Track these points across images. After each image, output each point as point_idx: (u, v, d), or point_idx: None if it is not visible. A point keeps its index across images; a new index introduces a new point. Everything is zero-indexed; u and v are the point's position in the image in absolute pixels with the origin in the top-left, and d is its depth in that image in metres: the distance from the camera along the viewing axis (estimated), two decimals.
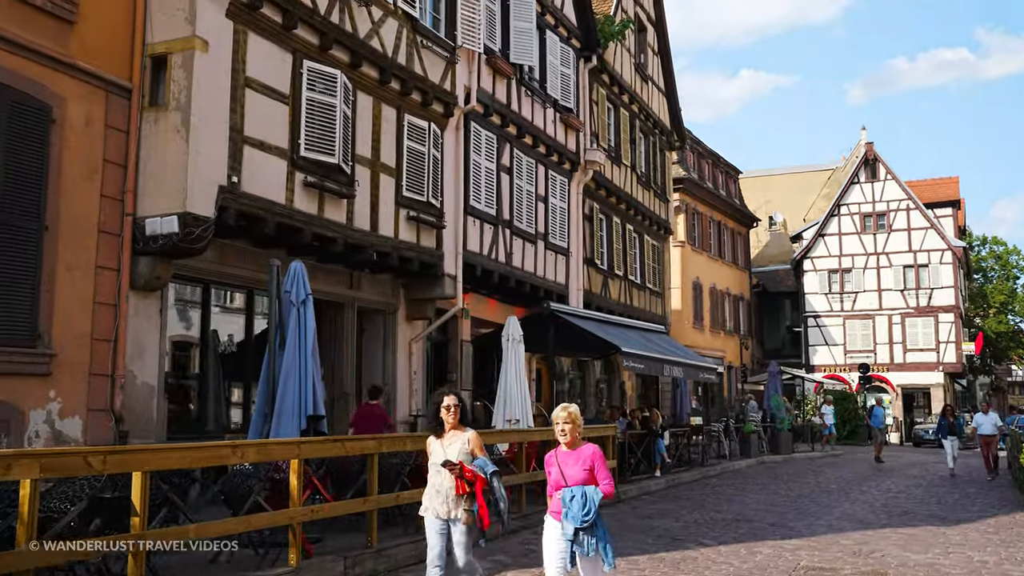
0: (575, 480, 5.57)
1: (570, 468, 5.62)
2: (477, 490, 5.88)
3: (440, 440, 6.25)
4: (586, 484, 5.55)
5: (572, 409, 5.76)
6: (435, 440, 6.29)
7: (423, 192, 14.37)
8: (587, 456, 5.63)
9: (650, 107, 26.09)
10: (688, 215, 36.19)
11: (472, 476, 5.88)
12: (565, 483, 5.61)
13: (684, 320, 34.63)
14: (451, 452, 6.09)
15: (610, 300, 22.64)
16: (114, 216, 10.16)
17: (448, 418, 6.21)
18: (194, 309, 11.95)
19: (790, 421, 28.28)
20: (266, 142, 11.29)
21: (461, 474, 5.89)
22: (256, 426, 8.58)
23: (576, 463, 5.62)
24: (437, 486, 6.09)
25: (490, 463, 6.07)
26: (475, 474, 5.90)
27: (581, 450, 5.67)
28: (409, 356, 15.52)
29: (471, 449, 6.15)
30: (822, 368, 43.75)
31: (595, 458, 5.63)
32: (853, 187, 45.06)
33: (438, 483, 6.08)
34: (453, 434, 6.24)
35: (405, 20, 13.89)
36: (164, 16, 10.45)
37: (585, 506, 5.45)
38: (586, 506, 5.45)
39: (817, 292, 44.84)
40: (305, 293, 8.72)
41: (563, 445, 5.70)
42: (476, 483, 5.90)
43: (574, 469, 5.60)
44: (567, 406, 5.81)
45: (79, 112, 9.79)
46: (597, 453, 5.68)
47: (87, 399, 9.83)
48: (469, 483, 5.90)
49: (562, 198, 19.90)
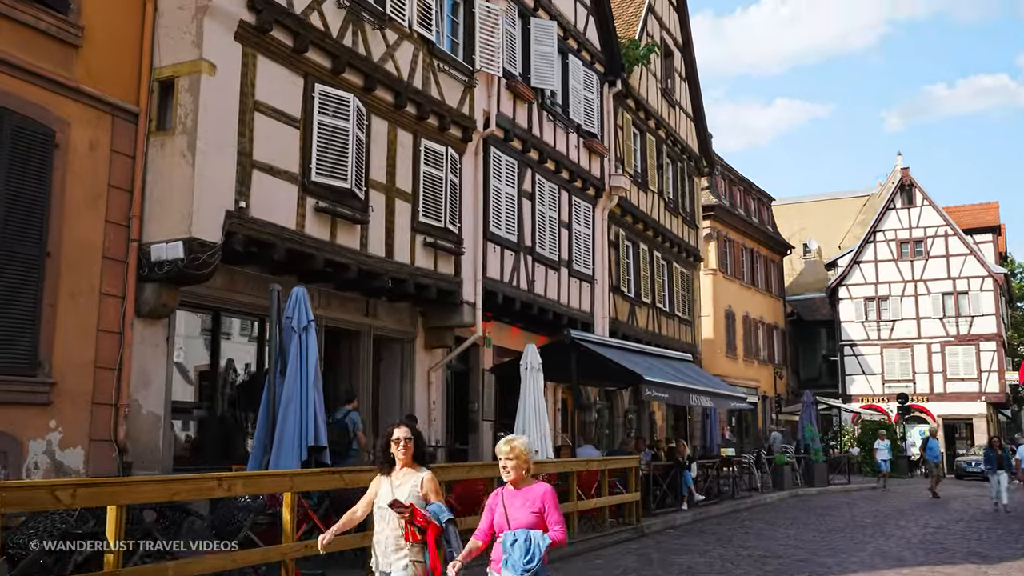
0: (520, 523, 4.96)
1: (516, 509, 5.01)
2: (429, 539, 5.04)
3: (389, 479, 5.34)
4: (534, 528, 4.94)
5: (517, 443, 5.15)
6: (383, 478, 5.37)
7: (440, 218, 14.10)
8: (537, 496, 5.02)
9: (677, 132, 25.74)
10: (720, 242, 35.67)
11: (424, 522, 5.04)
12: (508, 526, 4.99)
13: (716, 349, 34.02)
14: (400, 493, 5.23)
15: (637, 328, 22.19)
16: (119, 242, 9.98)
17: (399, 454, 5.29)
18: (204, 337, 11.73)
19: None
20: (276, 166, 11.08)
21: (411, 519, 5.03)
22: (256, 457, 8.27)
23: (524, 504, 5.00)
24: (378, 533, 5.24)
25: (446, 509, 5.24)
26: (428, 520, 5.05)
27: (531, 489, 5.05)
28: (428, 385, 15.19)
29: (424, 492, 5.24)
30: (859, 398, 42.77)
31: (546, 499, 5.01)
32: (889, 213, 44.24)
33: (379, 530, 5.23)
34: (405, 472, 5.33)
35: (421, 44, 13.70)
36: (171, 40, 10.31)
37: (528, 552, 4.85)
38: (529, 552, 4.85)
39: (853, 320, 43.93)
40: (307, 319, 8.44)
41: (509, 484, 5.10)
42: (428, 531, 5.05)
43: (520, 511, 4.99)
44: (512, 439, 5.21)
45: (83, 136, 9.65)
46: (549, 493, 5.06)
47: (89, 429, 9.59)
48: (421, 530, 5.06)
49: (586, 224, 19.56)
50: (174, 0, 10.37)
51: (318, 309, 12.84)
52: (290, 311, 8.49)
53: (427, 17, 13.82)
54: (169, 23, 10.35)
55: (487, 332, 17.12)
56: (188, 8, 10.27)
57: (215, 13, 10.24)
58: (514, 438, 5.18)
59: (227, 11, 10.35)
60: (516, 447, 5.08)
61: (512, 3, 16.68)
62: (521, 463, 5.05)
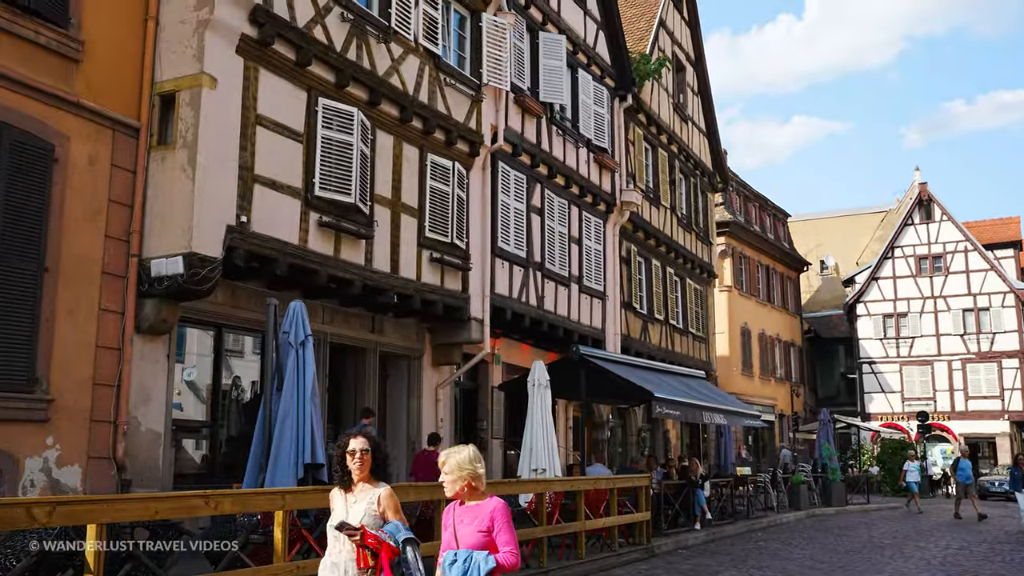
0: (468, 543, 4.48)
1: (464, 527, 4.52)
2: (384, 562, 4.56)
3: (345, 496, 4.90)
4: (482, 549, 4.46)
5: (459, 456, 4.58)
6: (339, 495, 4.95)
7: (447, 233, 13.96)
8: (485, 513, 4.50)
9: (690, 148, 25.55)
10: (735, 259, 35.38)
11: (377, 544, 4.57)
12: (456, 544, 4.53)
13: (732, 367, 33.67)
14: (355, 512, 4.76)
15: (650, 345, 21.94)
16: (119, 257, 9.89)
17: (354, 468, 4.81)
18: (206, 353, 11.61)
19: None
20: (278, 181, 10.98)
21: (362, 541, 4.55)
22: (251, 475, 8.11)
23: (472, 521, 4.50)
24: (334, 556, 4.75)
25: (404, 528, 4.72)
26: (381, 542, 4.58)
27: (481, 505, 4.54)
28: (435, 403, 15.01)
29: (381, 510, 4.77)
30: (878, 416, 42.19)
31: (496, 516, 4.48)
32: (907, 229, 43.81)
33: (335, 552, 4.76)
34: (362, 488, 4.85)
35: (427, 57, 13.61)
36: (172, 54, 10.25)
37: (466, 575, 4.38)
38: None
39: (872, 337, 43.41)
40: (305, 334, 8.30)
41: (456, 499, 4.64)
42: (382, 553, 4.57)
43: (468, 529, 4.50)
44: (451, 451, 4.65)
45: (83, 151, 9.58)
46: (499, 509, 4.51)
47: (87, 446, 9.48)
48: (373, 553, 4.58)
49: (597, 240, 19.38)
50: (176, 14, 10.32)
51: (323, 325, 12.76)
52: (287, 326, 8.35)
53: (433, 31, 13.74)
54: (170, 37, 10.30)
55: (496, 349, 16.94)
56: (189, 22, 10.21)
57: (216, 27, 10.18)
58: (456, 450, 4.65)
59: (229, 25, 10.28)
60: (451, 460, 4.58)
61: (520, 17, 16.60)
62: (458, 477, 4.54)
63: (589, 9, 19.36)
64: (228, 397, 12.11)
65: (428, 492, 8.85)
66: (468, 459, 4.58)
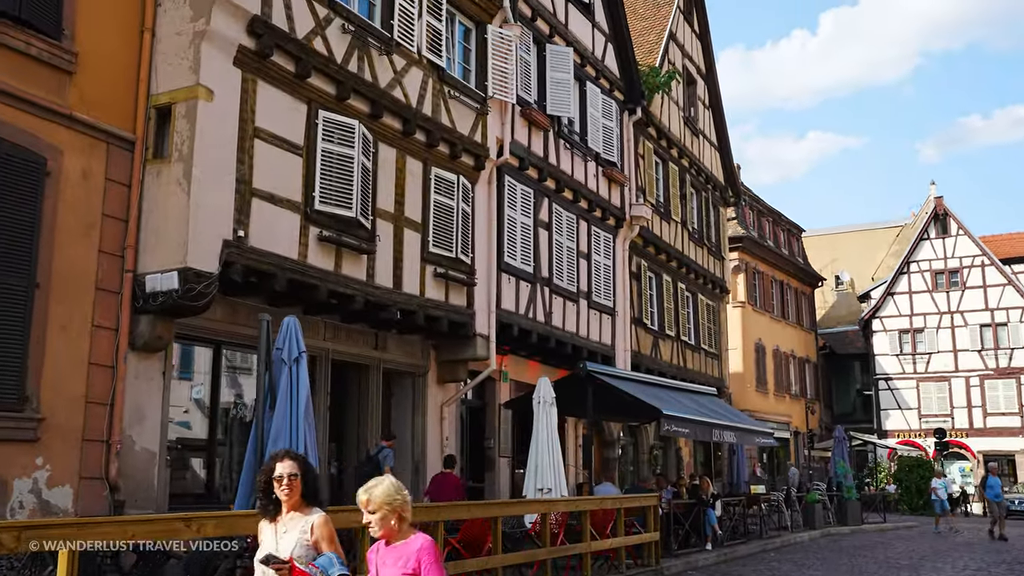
0: None
1: (388, 569, 4.12)
2: None
3: (274, 525, 4.43)
4: None
5: (377, 492, 4.10)
6: (267, 525, 4.46)
7: (452, 248, 13.72)
8: (411, 553, 4.08)
9: (701, 161, 25.27)
10: (748, 274, 35.03)
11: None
12: None
13: (746, 383, 33.27)
14: (286, 543, 4.32)
15: (661, 362, 21.61)
16: (113, 273, 9.69)
17: (282, 494, 4.36)
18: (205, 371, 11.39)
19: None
20: (277, 195, 10.77)
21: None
22: (243, 496, 7.86)
23: (396, 563, 4.09)
24: None
25: (339, 562, 4.29)
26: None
27: (407, 544, 4.11)
28: (440, 421, 14.74)
29: (314, 540, 4.32)
30: (895, 433, 41.59)
31: (423, 556, 4.06)
32: (923, 243, 43.33)
33: None
34: (293, 517, 4.39)
35: (431, 70, 13.41)
36: (169, 66, 10.08)
37: None
38: None
39: (888, 353, 42.88)
40: (299, 350, 8.06)
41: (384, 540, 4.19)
42: None
43: (392, 572, 4.10)
44: (371, 486, 4.15)
45: (76, 165, 9.41)
46: (427, 549, 4.09)
47: (79, 466, 9.25)
48: None
49: (606, 255, 19.10)
50: (172, 26, 10.16)
51: (324, 341, 12.54)
52: (281, 342, 8.11)
53: (437, 43, 13.55)
54: (167, 49, 10.14)
55: (504, 366, 16.67)
56: (186, 33, 10.05)
57: (213, 38, 10.00)
58: (374, 484, 4.14)
59: (226, 36, 10.11)
60: (375, 497, 4.09)
61: (527, 30, 16.40)
62: (388, 514, 4.09)
63: (597, 22, 19.16)
64: (229, 416, 11.88)
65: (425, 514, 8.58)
66: (394, 489, 4.14)
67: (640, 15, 23.98)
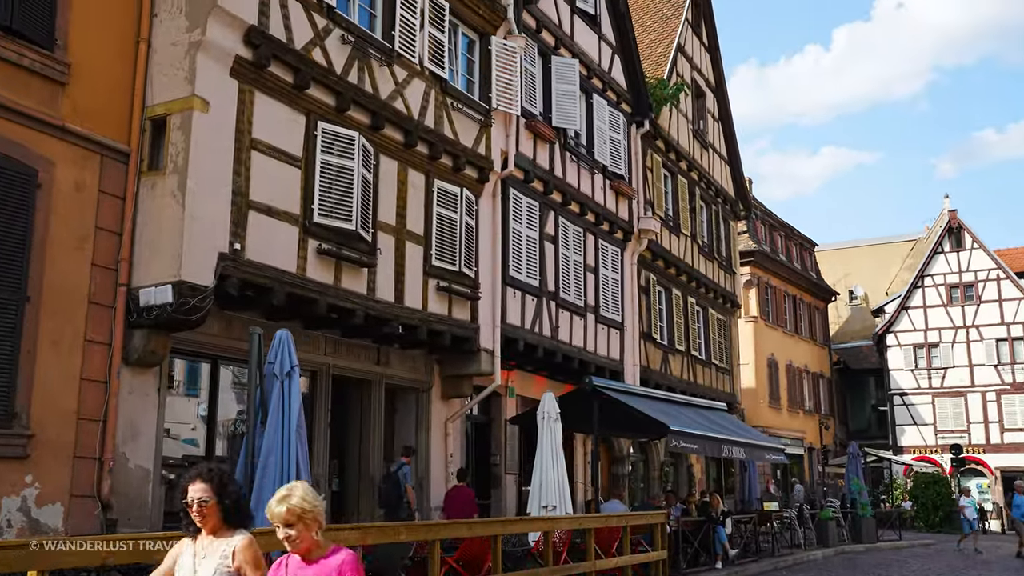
0: None
1: None
2: None
3: (194, 546, 4.03)
4: None
5: (295, 499, 3.67)
6: (188, 546, 4.06)
7: (455, 261, 13.52)
8: (332, 570, 3.67)
9: (711, 175, 25.03)
10: (760, 289, 34.70)
11: None
12: None
13: (759, 399, 32.89)
14: (204, 569, 3.91)
15: (671, 377, 21.31)
16: (106, 286, 9.52)
17: (197, 520, 3.94)
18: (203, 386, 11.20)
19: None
20: (274, 207, 10.60)
21: None
22: None
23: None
24: None
25: None
26: None
27: (326, 562, 3.69)
28: (445, 437, 14.51)
29: (236, 566, 3.88)
30: (911, 449, 41.03)
31: (344, 572, 3.66)
32: (937, 257, 42.87)
33: None
34: (212, 541, 3.96)
35: (433, 81, 13.25)
36: (164, 77, 9.95)
37: None
38: None
39: (902, 368, 42.36)
40: (291, 364, 7.85)
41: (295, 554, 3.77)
42: None
43: None
44: (286, 493, 3.72)
45: (69, 177, 9.26)
46: (349, 563, 3.68)
47: (70, 484, 9.06)
48: None
49: (614, 269, 18.86)
50: (167, 36, 10.03)
51: (325, 356, 12.35)
52: (273, 356, 7.91)
53: (439, 54, 13.39)
54: (162, 60, 10.00)
55: (510, 381, 16.44)
56: (181, 44, 9.91)
57: (209, 49, 9.86)
58: (289, 493, 3.70)
59: (222, 46, 9.96)
60: (296, 504, 3.65)
61: (532, 41, 16.25)
62: (311, 523, 3.67)
63: (604, 34, 19.00)
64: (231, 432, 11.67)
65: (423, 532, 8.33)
66: (312, 495, 3.72)
67: (648, 28, 23.82)
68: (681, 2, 23.95)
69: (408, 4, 12.77)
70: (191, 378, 11.34)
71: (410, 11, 12.80)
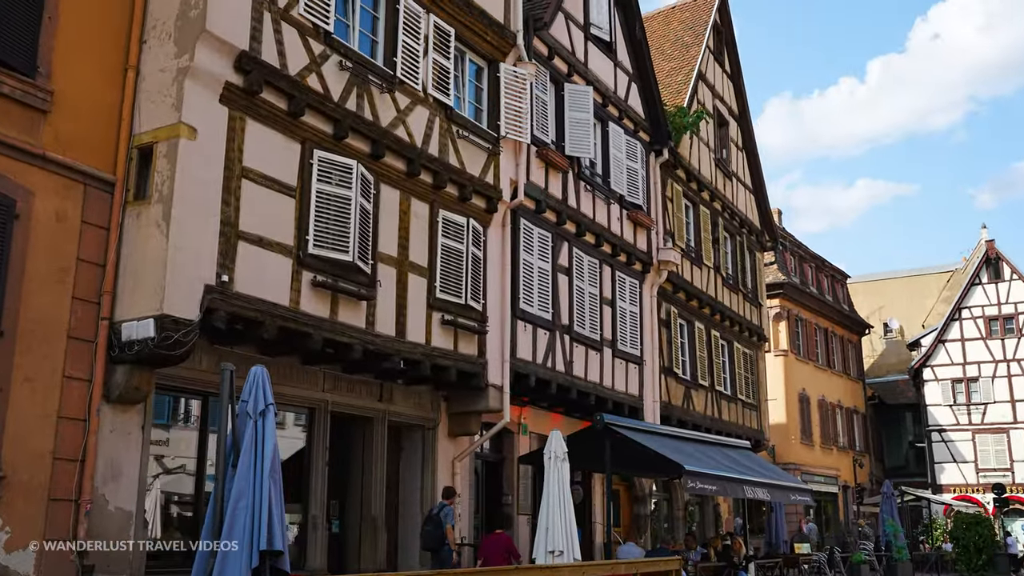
0: None
1: None
2: None
3: None
4: None
5: None
6: None
7: (461, 294, 13.06)
8: None
9: (735, 205, 24.43)
10: (790, 322, 33.89)
11: None
12: None
13: (790, 435, 31.99)
14: None
15: (694, 413, 20.61)
16: (87, 320, 9.17)
17: None
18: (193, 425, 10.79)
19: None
20: (266, 238, 10.22)
21: None
22: (199, 564, 7.16)
23: None
24: None
25: None
26: None
27: None
28: (452, 476, 13.94)
29: None
30: (951, 488, 39.66)
31: None
32: (975, 289, 41.75)
33: None
34: None
35: (437, 108, 12.88)
36: (152, 104, 9.65)
37: None
38: None
39: (940, 403, 41.12)
40: (265, 402, 7.39)
41: None
42: None
43: None
44: None
45: (49, 207, 8.94)
46: None
47: (44, 528, 8.63)
48: None
49: (632, 301, 18.29)
50: (156, 63, 9.75)
51: (323, 393, 11.90)
52: (246, 394, 7.46)
53: (444, 81, 13.03)
54: (150, 87, 9.72)
55: (523, 418, 15.90)
56: (169, 70, 9.62)
57: (198, 75, 9.55)
58: None
59: (211, 72, 9.65)
60: None
61: (543, 68, 15.87)
62: None
63: (620, 61, 18.58)
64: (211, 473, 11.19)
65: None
66: None
67: (668, 56, 23.42)
68: (702, 30, 23.53)
69: (411, 30, 12.45)
70: (165, 413, 10.89)
71: (413, 37, 12.47)
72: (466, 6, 13.61)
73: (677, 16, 25.12)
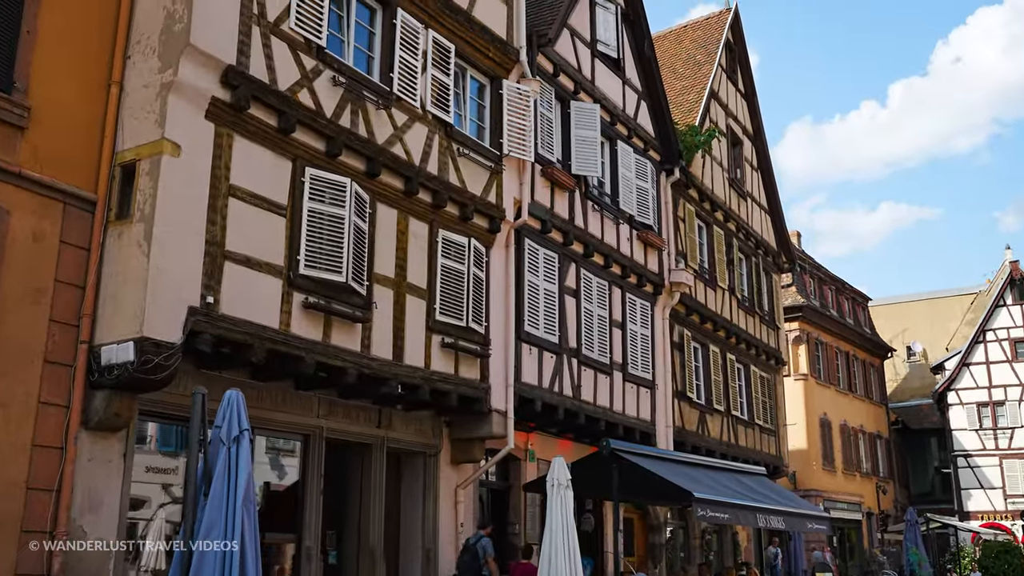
0: None
1: None
2: None
3: None
4: None
5: None
6: None
7: (462, 316, 12.65)
8: None
9: (750, 225, 23.92)
10: (810, 345, 33.21)
11: None
12: None
13: (811, 461, 31.24)
14: None
15: (709, 439, 20.03)
16: (66, 344, 8.82)
17: None
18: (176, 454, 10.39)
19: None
20: (255, 258, 9.85)
21: None
22: None
23: None
24: None
25: None
26: None
27: None
28: (455, 505, 13.47)
29: None
30: (978, 515, 38.59)
31: None
32: (999, 311, 40.88)
33: None
34: None
35: (437, 126, 12.53)
36: (135, 120, 9.35)
37: None
38: None
39: (966, 428, 40.13)
40: (240, 428, 6.99)
41: None
42: None
43: None
44: None
45: (26, 226, 8.63)
46: None
47: (15, 562, 8.25)
48: None
49: (644, 324, 17.80)
50: (140, 78, 9.46)
51: (318, 419, 11.50)
52: (220, 419, 7.07)
53: (444, 98, 12.69)
54: (134, 103, 9.42)
55: (530, 444, 15.43)
56: (153, 86, 9.32)
57: (182, 90, 9.24)
58: None
59: (196, 87, 9.34)
60: None
61: (548, 85, 15.51)
62: None
63: (628, 78, 18.22)
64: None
65: None
66: None
67: (679, 74, 23.05)
68: (714, 48, 23.16)
69: (409, 46, 12.14)
70: (167, 442, 10.54)
71: (411, 53, 12.15)
72: (467, 22, 13.31)
73: (689, 35, 24.78)
